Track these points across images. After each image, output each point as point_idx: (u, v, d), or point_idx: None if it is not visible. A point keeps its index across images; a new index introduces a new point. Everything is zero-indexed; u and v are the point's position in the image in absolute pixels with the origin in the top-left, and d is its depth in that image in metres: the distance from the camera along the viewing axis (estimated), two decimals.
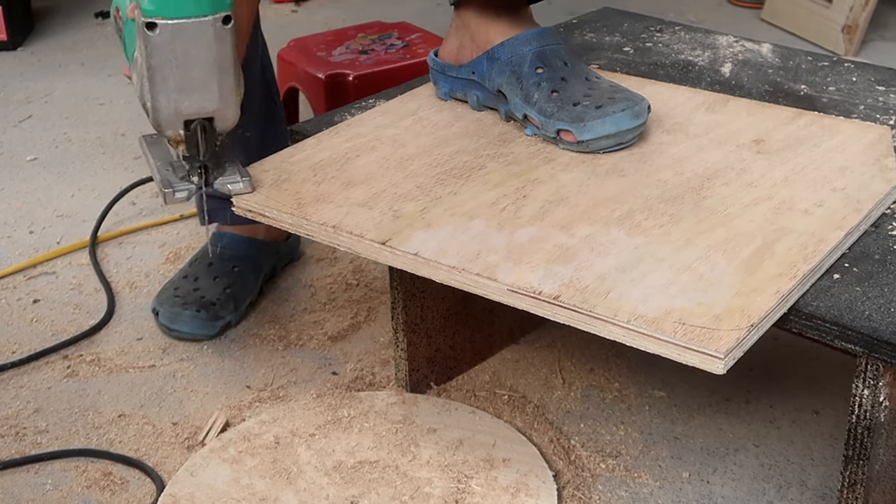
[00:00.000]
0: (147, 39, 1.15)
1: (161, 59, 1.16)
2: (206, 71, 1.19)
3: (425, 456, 1.38)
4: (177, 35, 1.15)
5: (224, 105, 1.21)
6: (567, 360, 1.61)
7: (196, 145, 1.22)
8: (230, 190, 1.25)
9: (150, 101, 1.19)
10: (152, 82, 1.17)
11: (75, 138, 2.36)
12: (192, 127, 1.21)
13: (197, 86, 1.19)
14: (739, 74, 1.56)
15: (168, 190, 1.23)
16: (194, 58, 1.17)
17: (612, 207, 1.20)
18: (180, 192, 1.24)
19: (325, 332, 1.69)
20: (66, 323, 1.73)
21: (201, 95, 1.20)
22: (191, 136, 1.21)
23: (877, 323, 1.03)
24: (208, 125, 1.22)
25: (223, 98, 1.21)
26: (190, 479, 1.36)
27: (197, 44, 1.17)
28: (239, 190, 1.25)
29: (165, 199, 1.24)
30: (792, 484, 1.38)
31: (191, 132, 1.21)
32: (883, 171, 1.24)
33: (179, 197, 1.24)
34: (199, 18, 1.16)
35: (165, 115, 1.20)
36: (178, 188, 1.24)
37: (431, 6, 3.12)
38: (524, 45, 1.35)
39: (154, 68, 1.16)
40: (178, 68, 1.17)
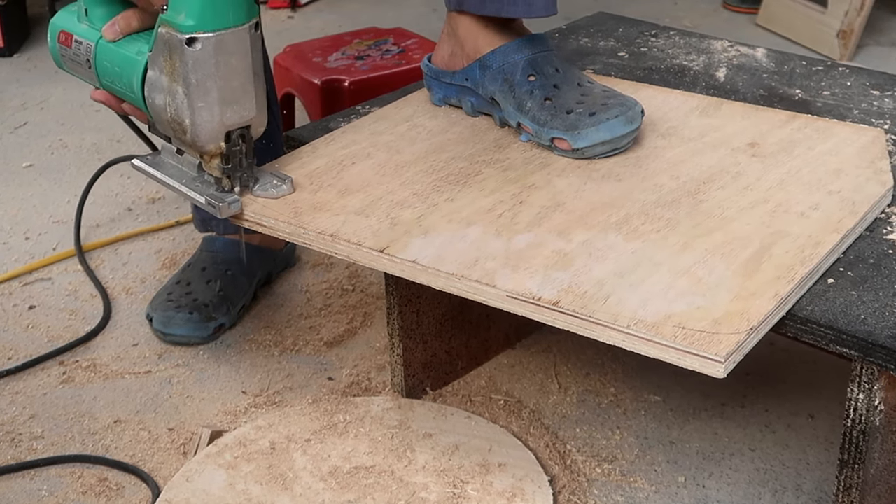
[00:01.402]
0: (188, 55, 1.14)
1: (204, 73, 1.15)
2: (246, 79, 1.19)
3: (421, 461, 1.38)
4: (219, 47, 1.15)
5: (259, 111, 1.22)
6: (563, 365, 1.61)
7: (238, 156, 1.21)
8: (275, 194, 1.24)
9: (191, 117, 1.17)
10: (193, 98, 1.16)
11: (71, 144, 2.36)
12: (234, 137, 1.20)
13: (238, 95, 1.19)
14: (734, 79, 1.56)
15: (222, 204, 1.21)
16: (234, 68, 1.17)
17: (609, 212, 1.20)
18: (233, 203, 1.22)
19: (321, 338, 1.69)
20: (62, 329, 1.73)
21: (241, 105, 1.20)
22: (232, 147, 1.21)
23: (871, 327, 1.03)
24: (247, 133, 1.22)
25: (259, 105, 1.21)
26: (186, 485, 1.36)
27: (237, 53, 1.17)
28: (283, 192, 1.24)
29: (220, 212, 1.21)
30: (787, 488, 1.38)
31: (232, 142, 1.20)
32: (877, 174, 1.25)
33: (234, 208, 1.22)
34: (237, 28, 1.16)
35: (209, 129, 1.18)
36: (227, 200, 1.22)
37: (427, 12, 3.13)
38: (516, 52, 1.35)
39: (195, 84, 1.15)
40: (220, 80, 1.16)
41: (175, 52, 1.15)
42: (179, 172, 1.27)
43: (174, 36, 1.14)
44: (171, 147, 1.28)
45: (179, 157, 1.28)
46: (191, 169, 1.26)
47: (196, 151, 1.22)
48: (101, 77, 1.27)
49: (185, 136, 1.19)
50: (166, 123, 1.21)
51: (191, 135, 1.18)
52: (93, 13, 1.28)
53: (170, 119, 1.19)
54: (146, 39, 1.22)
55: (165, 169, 1.29)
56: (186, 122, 1.18)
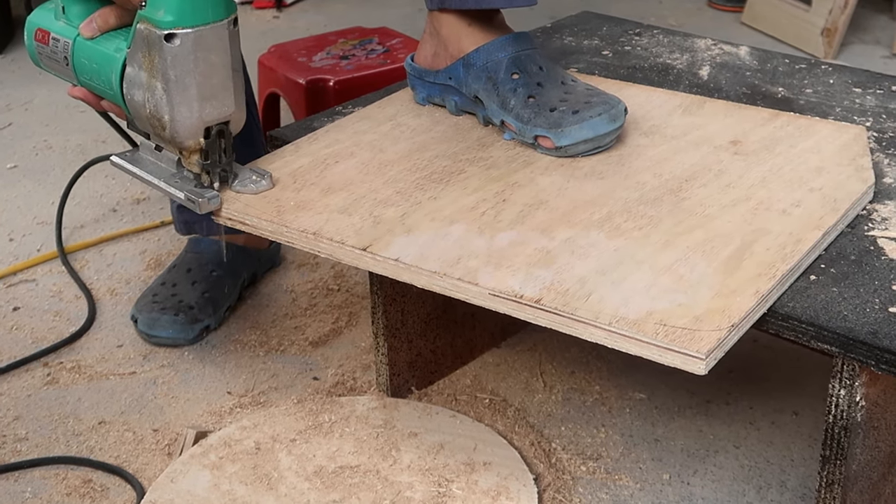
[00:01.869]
0: (167, 51, 1.14)
1: (183, 69, 1.15)
2: (225, 75, 1.19)
3: (406, 460, 1.38)
4: (198, 43, 1.15)
5: (238, 108, 1.22)
6: (548, 364, 1.61)
7: (217, 151, 1.21)
8: (254, 189, 1.24)
9: (170, 113, 1.17)
10: (172, 94, 1.16)
11: (56, 145, 2.36)
12: (213, 133, 1.20)
13: (217, 91, 1.19)
14: (718, 77, 1.56)
15: (201, 199, 1.21)
16: (213, 64, 1.17)
17: (592, 210, 1.20)
18: (213, 198, 1.22)
19: (306, 338, 1.69)
20: (46, 330, 1.72)
21: (220, 101, 1.20)
22: (212, 143, 1.21)
23: (852, 323, 1.03)
24: (226, 129, 1.22)
25: (237, 101, 1.21)
26: (170, 486, 1.36)
27: (216, 49, 1.17)
28: (263, 188, 1.24)
29: (200, 207, 1.22)
30: (772, 485, 1.38)
31: (211, 139, 1.20)
32: (859, 171, 1.25)
33: (214, 203, 1.22)
34: (216, 24, 1.16)
35: (188, 125, 1.19)
36: (207, 195, 1.22)
37: (413, 11, 3.12)
38: (499, 50, 1.35)
39: (174, 80, 1.15)
40: (199, 76, 1.16)
41: (154, 49, 1.15)
42: (158, 169, 1.27)
43: (153, 32, 1.14)
44: (149, 144, 1.28)
45: (158, 154, 1.28)
46: (170, 165, 1.26)
47: (175, 147, 1.22)
48: (79, 74, 1.27)
49: (164, 132, 1.19)
50: (145, 120, 1.21)
51: (170, 131, 1.19)
52: (70, 10, 1.28)
53: (149, 115, 1.19)
54: (124, 36, 1.22)
55: (144, 165, 1.29)
56: (165, 118, 1.18)
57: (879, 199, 1.24)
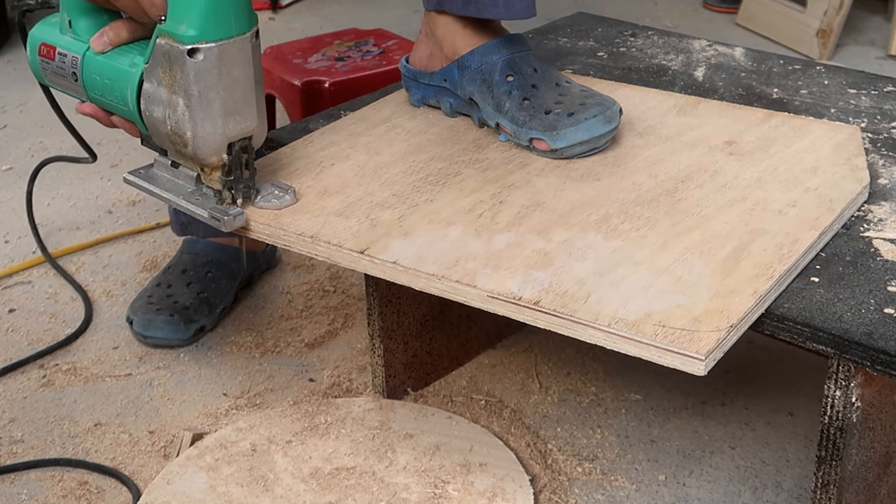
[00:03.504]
0: (189, 67, 1.10)
1: (206, 84, 1.12)
2: (247, 89, 1.15)
3: (402, 461, 1.38)
4: (221, 57, 1.12)
5: (260, 122, 1.19)
6: (544, 365, 1.61)
7: (240, 167, 1.18)
8: (278, 205, 1.21)
9: (192, 129, 1.14)
10: (194, 110, 1.13)
11: (51, 147, 2.35)
12: (236, 149, 1.17)
13: (240, 106, 1.15)
14: (713, 78, 1.57)
15: (226, 217, 1.17)
16: (236, 78, 1.14)
17: (588, 212, 1.20)
18: (238, 216, 1.18)
19: (302, 339, 1.69)
20: (41, 332, 1.72)
21: (244, 115, 1.16)
22: (234, 159, 1.17)
23: (848, 324, 1.03)
24: (249, 144, 1.18)
25: (260, 114, 1.18)
26: (166, 488, 1.36)
27: (239, 63, 1.13)
28: (287, 203, 1.22)
29: (225, 226, 1.18)
30: (767, 485, 1.38)
31: (234, 155, 1.17)
32: (854, 171, 1.25)
33: (239, 221, 1.18)
34: (239, 37, 1.13)
35: (211, 141, 1.15)
36: (231, 213, 1.18)
37: (409, 13, 3.13)
38: (493, 52, 1.35)
39: (197, 95, 1.12)
40: (223, 91, 1.13)
41: (175, 64, 1.11)
42: (176, 186, 1.23)
43: (174, 47, 1.10)
44: (164, 160, 1.24)
45: (174, 171, 1.23)
46: (187, 182, 1.22)
47: (196, 164, 1.19)
48: (89, 90, 1.23)
49: (185, 149, 1.16)
50: (165, 137, 1.17)
51: (192, 148, 1.15)
52: (77, 25, 1.24)
53: (169, 132, 1.16)
54: (139, 50, 1.19)
55: (160, 183, 1.25)
56: (188, 134, 1.14)
57: (874, 200, 1.24)
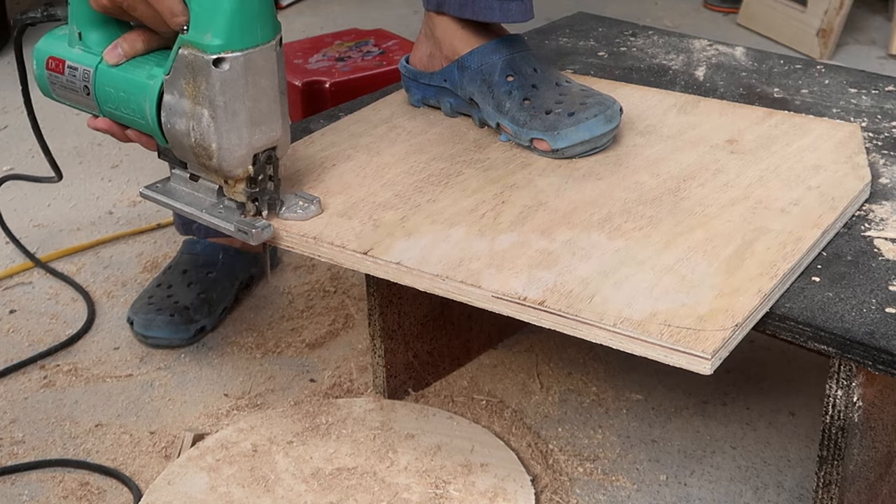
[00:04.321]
0: (215, 77, 1.08)
1: (232, 94, 1.09)
2: (273, 99, 1.13)
3: (403, 462, 1.38)
4: (248, 66, 1.09)
5: (285, 131, 1.17)
6: (545, 365, 1.61)
7: (265, 178, 1.16)
8: (303, 216, 1.19)
9: (217, 141, 1.11)
10: (219, 122, 1.10)
11: (52, 148, 2.33)
12: (261, 160, 1.15)
13: (265, 116, 1.13)
14: (713, 78, 1.57)
15: (254, 230, 1.15)
16: (262, 87, 1.11)
17: (591, 211, 1.20)
18: (265, 228, 1.16)
19: (303, 340, 1.69)
20: (42, 333, 1.72)
21: (269, 126, 1.14)
22: (259, 170, 1.15)
23: (849, 324, 1.03)
24: (274, 155, 1.16)
25: (284, 124, 1.16)
26: (167, 488, 1.36)
27: (264, 72, 1.11)
28: (312, 213, 1.20)
29: (253, 239, 1.15)
30: (769, 485, 1.38)
31: (259, 166, 1.15)
32: (855, 169, 1.25)
33: (267, 233, 1.16)
34: (265, 45, 1.10)
35: (237, 153, 1.12)
36: (258, 225, 1.15)
37: (409, 13, 3.13)
38: (493, 53, 1.35)
39: (223, 106, 1.09)
40: (249, 101, 1.10)
41: (200, 74, 1.08)
42: (196, 199, 1.21)
43: (199, 57, 1.08)
44: (182, 173, 1.21)
45: (194, 184, 1.21)
46: (208, 195, 1.20)
47: (220, 177, 1.16)
48: (103, 104, 1.20)
49: (210, 161, 1.13)
50: (188, 149, 1.14)
51: (217, 160, 1.12)
52: (88, 37, 1.21)
53: (193, 145, 1.13)
54: (156, 62, 1.16)
55: (179, 196, 1.22)
56: (213, 146, 1.11)
57: (876, 199, 1.24)
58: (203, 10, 1.07)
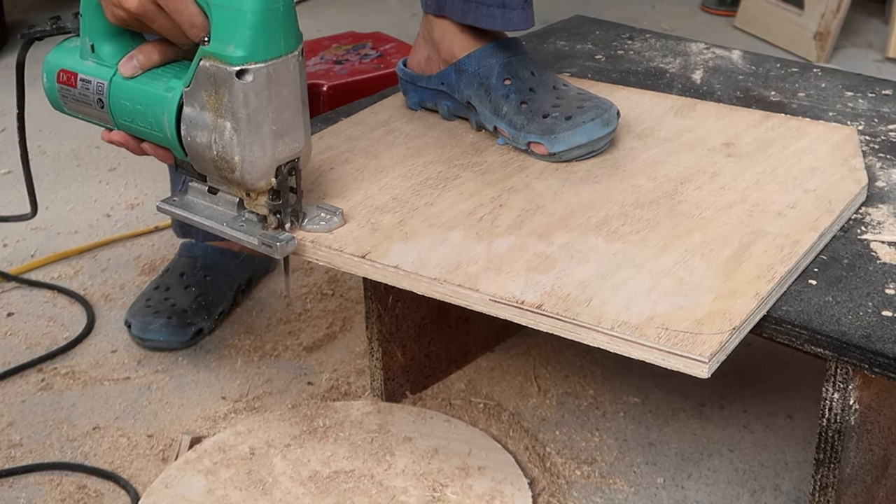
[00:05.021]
0: (238, 89, 1.06)
1: (255, 106, 1.08)
2: (295, 109, 1.12)
3: (401, 465, 1.38)
4: (271, 77, 1.08)
5: (307, 142, 1.15)
6: (542, 368, 1.61)
7: (287, 190, 1.15)
8: (327, 227, 1.18)
9: (241, 154, 1.09)
10: (242, 134, 1.08)
11: (49, 151, 2.35)
12: (284, 172, 1.13)
13: (288, 127, 1.11)
14: (710, 81, 1.57)
15: (278, 244, 1.13)
16: (285, 98, 1.10)
17: (589, 214, 1.20)
18: (289, 241, 1.14)
19: (301, 343, 1.69)
20: (40, 336, 1.72)
21: (292, 137, 1.12)
22: (282, 182, 1.13)
23: (846, 327, 1.03)
24: (297, 166, 1.15)
25: (307, 135, 1.15)
26: (164, 491, 1.36)
27: (287, 83, 1.09)
28: (335, 225, 1.18)
29: (278, 252, 1.14)
30: (766, 488, 1.38)
31: (282, 178, 1.13)
32: (852, 172, 1.26)
33: (291, 247, 1.15)
34: (288, 55, 1.09)
35: (260, 165, 1.10)
36: (282, 238, 1.14)
37: (407, 16, 3.13)
38: (490, 56, 1.35)
39: (246, 118, 1.08)
40: (272, 112, 1.09)
41: (222, 86, 1.07)
42: (215, 213, 1.19)
43: (222, 68, 1.06)
44: (200, 186, 1.20)
45: (212, 197, 1.19)
46: (228, 208, 1.18)
47: (242, 189, 1.15)
48: (118, 117, 1.18)
49: (232, 174, 1.11)
50: (209, 162, 1.12)
51: (240, 173, 1.11)
52: (101, 49, 1.19)
53: (215, 157, 1.11)
54: (173, 73, 1.15)
55: (197, 210, 1.20)
56: (235, 159, 1.10)
57: (872, 202, 1.24)
58: (225, 21, 1.06)
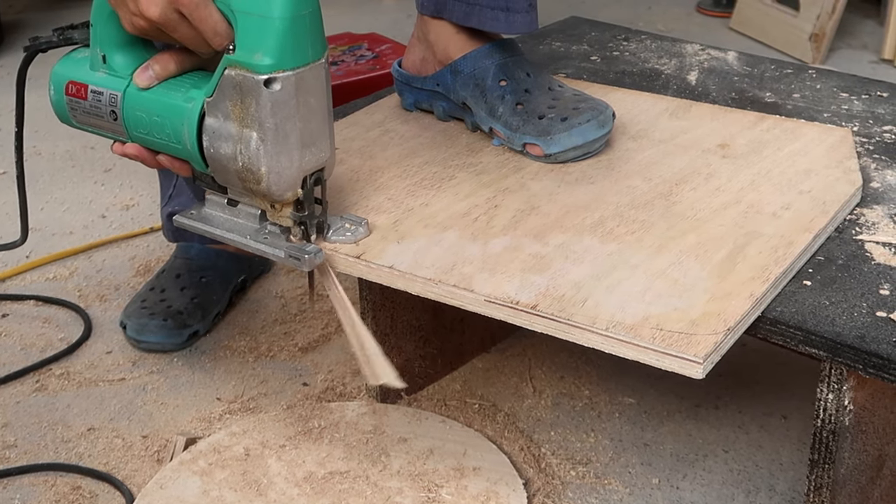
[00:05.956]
0: (265, 98, 1.04)
1: (283, 115, 1.06)
2: (322, 118, 1.10)
3: (396, 465, 1.38)
4: (299, 86, 1.06)
5: (332, 151, 1.14)
6: (537, 369, 1.61)
7: (314, 201, 1.13)
8: (352, 238, 1.16)
9: (267, 164, 1.07)
10: (270, 144, 1.06)
11: (45, 152, 2.35)
12: (310, 182, 1.11)
13: (315, 136, 1.10)
14: (705, 82, 1.57)
15: (306, 256, 1.12)
16: (313, 107, 1.08)
17: (584, 215, 1.20)
18: (317, 254, 1.13)
19: (296, 344, 1.69)
20: (35, 336, 1.72)
21: (318, 147, 1.10)
22: (308, 193, 1.11)
23: (840, 328, 1.03)
24: (322, 176, 1.13)
25: (332, 144, 1.13)
26: (159, 492, 1.36)
27: (314, 91, 1.08)
28: (361, 236, 1.17)
29: (306, 265, 1.12)
30: (761, 489, 1.38)
31: (308, 189, 1.11)
32: (846, 173, 1.26)
33: (319, 259, 1.13)
34: (315, 63, 1.07)
35: (287, 176, 1.08)
36: (310, 251, 1.13)
37: (402, 17, 3.13)
38: (486, 57, 1.35)
39: (273, 128, 1.06)
40: (300, 121, 1.07)
41: (249, 96, 1.05)
42: (236, 225, 1.17)
43: (248, 77, 1.04)
44: (218, 199, 1.18)
45: (232, 209, 1.18)
46: (249, 220, 1.16)
47: (267, 201, 1.13)
48: (133, 129, 1.16)
49: (258, 186, 1.09)
50: (233, 174, 1.10)
51: (266, 184, 1.09)
52: (113, 60, 1.16)
53: (240, 169, 1.09)
54: (191, 83, 1.13)
55: (217, 223, 1.18)
56: (262, 170, 1.08)
57: (867, 203, 1.24)
58: (252, 28, 1.04)
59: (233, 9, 1.05)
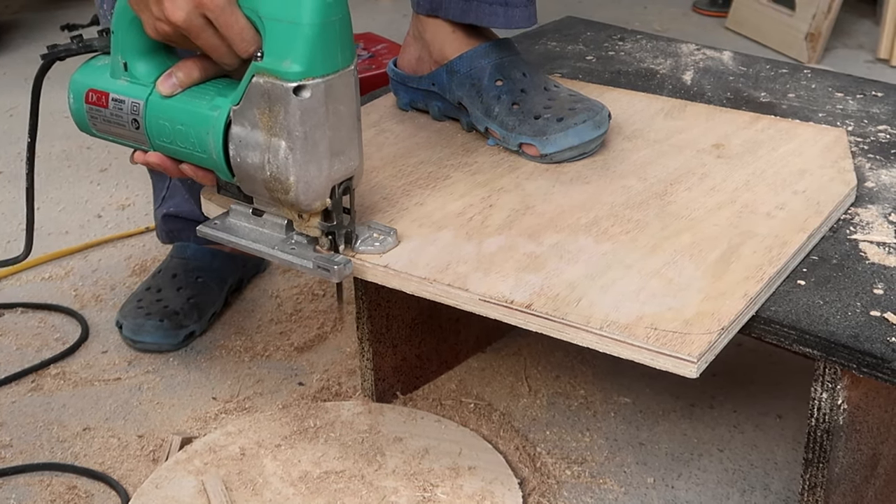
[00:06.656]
0: (295, 106, 1.03)
1: (312, 123, 1.04)
2: (351, 126, 1.08)
3: (391, 465, 1.38)
4: (329, 93, 1.04)
5: (361, 160, 1.12)
6: (533, 368, 1.61)
7: (343, 211, 1.11)
8: (381, 248, 1.14)
9: (296, 174, 1.05)
10: (299, 153, 1.04)
11: (41, 151, 2.34)
12: (339, 192, 1.10)
13: (344, 145, 1.08)
14: (701, 82, 1.57)
15: (337, 267, 1.10)
16: (342, 115, 1.06)
17: (578, 215, 1.20)
18: (346, 264, 1.11)
19: (292, 343, 1.69)
20: (30, 336, 1.72)
21: (347, 155, 1.09)
22: (337, 203, 1.10)
23: (834, 327, 1.03)
24: (351, 185, 1.11)
25: (361, 152, 1.11)
26: (155, 492, 1.36)
27: (344, 98, 1.06)
28: (390, 246, 1.14)
29: (335, 276, 1.10)
30: (755, 488, 1.39)
31: (337, 198, 1.10)
32: (841, 174, 1.26)
33: (348, 269, 1.11)
34: (344, 70, 1.05)
35: (316, 185, 1.07)
36: (339, 261, 1.11)
37: (399, 17, 3.13)
38: (482, 57, 1.35)
39: (302, 136, 1.04)
40: (329, 129, 1.05)
41: (278, 103, 1.03)
42: (262, 235, 1.16)
43: (277, 85, 1.03)
44: (243, 209, 1.17)
45: (257, 219, 1.16)
46: (274, 230, 1.15)
47: (295, 211, 1.11)
48: (155, 138, 1.14)
49: (286, 195, 1.07)
50: (260, 183, 1.08)
51: (294, 193, 1.07)
52: (135, 67, 1.14)
53: (268, 178, 1.07)
54: (216, 91, 1.11)
55: (243, 233, 1.17)
56: (290, 180, 1.06)
57: (861, 203, 1.25)
58: (281, 35, 1.02)
59: (260, 15, 1.03)
